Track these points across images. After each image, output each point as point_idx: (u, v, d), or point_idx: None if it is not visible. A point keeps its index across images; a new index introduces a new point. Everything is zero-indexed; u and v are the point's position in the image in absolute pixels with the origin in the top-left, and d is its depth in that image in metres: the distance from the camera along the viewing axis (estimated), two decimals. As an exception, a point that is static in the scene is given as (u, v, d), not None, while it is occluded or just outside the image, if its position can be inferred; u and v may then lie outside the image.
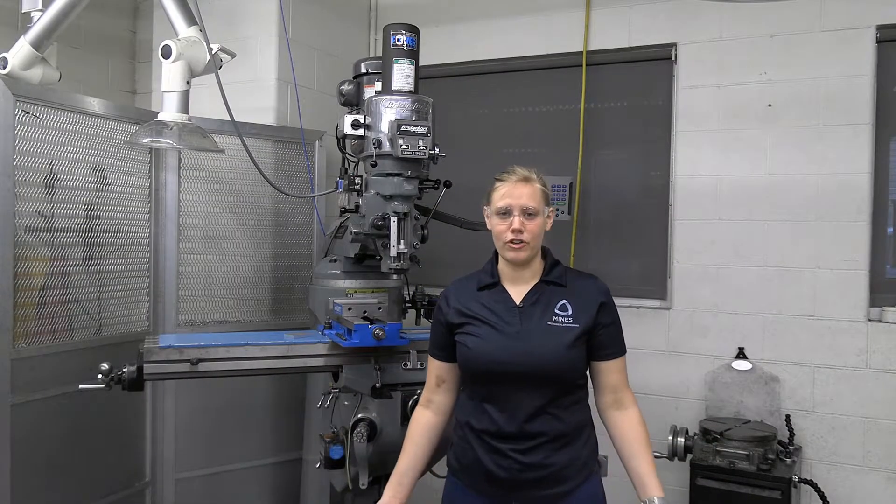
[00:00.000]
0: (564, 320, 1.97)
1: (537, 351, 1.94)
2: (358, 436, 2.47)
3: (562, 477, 1.96)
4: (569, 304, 2.00)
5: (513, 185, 2.00)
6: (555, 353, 1.94)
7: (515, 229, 1.96)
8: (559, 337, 1.95)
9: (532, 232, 1.97)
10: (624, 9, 3.74)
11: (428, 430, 2.12)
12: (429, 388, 2.15)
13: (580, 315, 1.98)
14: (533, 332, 1.97)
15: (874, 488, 3.27)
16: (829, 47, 3.34)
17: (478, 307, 2.03)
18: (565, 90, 3.89)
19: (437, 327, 2.12)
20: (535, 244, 2.01)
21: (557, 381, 1.96)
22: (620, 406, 2.03)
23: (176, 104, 2.63)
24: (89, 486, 2.91)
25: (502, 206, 1.99)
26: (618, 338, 2.04)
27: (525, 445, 1.94)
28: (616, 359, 2.03)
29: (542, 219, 2.01)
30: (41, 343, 2.68)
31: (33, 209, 2.67)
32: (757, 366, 3.46)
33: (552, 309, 1.99)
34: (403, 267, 2.56)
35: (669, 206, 3.67)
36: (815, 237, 3.37)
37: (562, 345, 1.94)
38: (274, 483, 3.46)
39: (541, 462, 1.94)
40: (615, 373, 2.03)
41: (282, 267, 3.49)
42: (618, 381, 2.03)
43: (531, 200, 1.98)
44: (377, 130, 2.58)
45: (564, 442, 1.96)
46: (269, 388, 3.39)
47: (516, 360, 1.94)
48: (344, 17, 4.14)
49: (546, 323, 1.97)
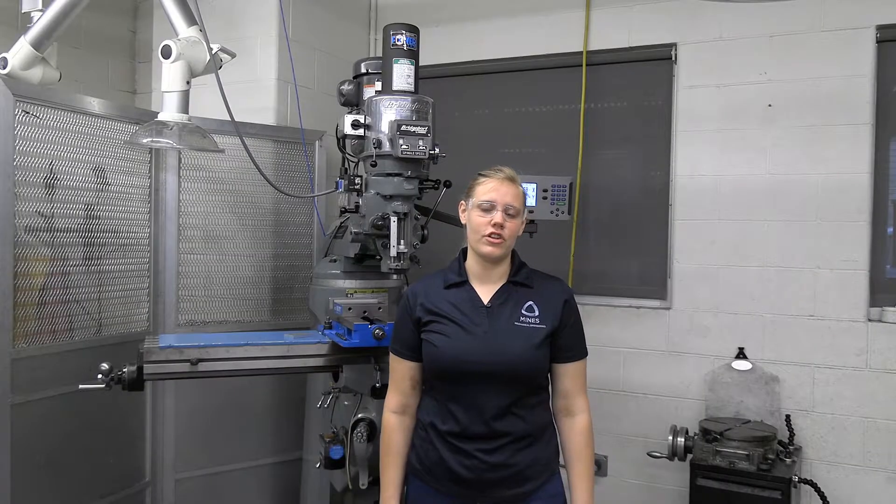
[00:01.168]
0: (531, 321, 1.99)
1: (506, 351, 1.95)
2: (358, 436, 2.47)
3: (525, 476, 1.98)
4: (535, 304, 2.02)
5: (500, 181, 2.02)
6: (523, 353, 1.96)
7: (497, 223, 1.97)
8: (527, 337, 1.97)
9: (511, 230, 2.00)
10: (624, 9, 3.74)
11: (408, 438, 2.09)
12: (402, 393, 2.09)
13: (546, 316, 2.00)
14: (501, 332, 1.98)
15: (874, 488, 3.28)
16: (829, 47, 3.34)
17: (445, 305, 2.03)
18: (565, 90, 3.89)
19: (403, 325, 2.09)
20: (510, 244, 2.03)
21: (524, 382, 1.98)
22: (569, 412, 2.05)
23: (176, 104, 2.63)
24: (89, 486, 2.91)
25: (486, 200, 1.99)
26: (578, 340, 2.06)
27: (490, 445, 1.95)
28: (575, 361, 2.04)
29: (520, 221, 2.04)
30: (41, 343, 2.68)
31: (33, 209, 2.67)
32: (757, 366, 3.46)
33: (519, 309, 2.01)
34: (403, 267, 2.56)
35: (669, 206, 3.67)
36: (815, 237, 3.37)
37: (529, 345, 1.96)
38: (274, 483, 3.46)
39: (505, 462, 1.95)
40: (570, 377, 2.04)
41: (282, 267, 3.49)
42: (571, 386, 2.04)
43: (515, 201, 2.01)
44: (377, 130, 2.58)
45: (528, 442, 1.98)
46: (269, 388, 3.39)
47: (485, 360, 1.94)
48: (344, 17, 4.14)
49: (514, 323, 1.99)
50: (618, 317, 3.72)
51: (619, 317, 3.72)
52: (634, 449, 3.63)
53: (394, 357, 2.11)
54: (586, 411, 2.05)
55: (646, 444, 3.53)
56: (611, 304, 3.73)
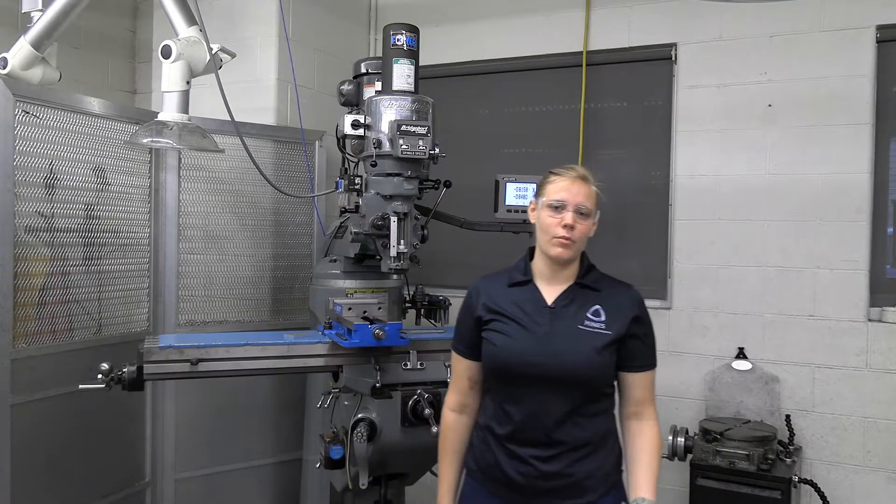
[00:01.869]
0: (596, 325, 1.91)
1: (566, 353, 1.88)
2: (358, 436, 2.47)
3: (583, 488, 1.90)
4: (602, 309, 1.94)
5: (571, 180, 1.94)
6: (584, 357, 1.88)
7: (567, 224, 1.89)
8: (589, 341, 1.89)
9: (581, 232, 1.92)
10: (624, 9, 3.74)
11: (467, 436, 2.07)
12: (460, 391, 2.06)
13: (613, 322, 1.92)
14: (563, 334, 1.91)
15: (874, 488, 3.27)
16: (829, 47, 3.34)
17: (507, 304, 1.97)
18: (565, 90, 3.89)
19: (465, 323, 2.05)
20: (580, 246, 1.96)
21: (584, 387, 1.90)
22: (640, 417, 1.97)
23: (176, 104, 2.63)
24: (89, 486, 2.91)
25: (557, 200, 1.92)
26: (648, 351, 1.97)
27: (547, 453, 1.89)
28: (643, 372, 1.96)
29: (592, 222, 1.96)
30: (41, 343, 2.68)
31: (33, 209, 2.67)
32: (757, 366, 3.46)
33: (584, 313, 1.93)
34: (403, 267, 2.56)
35: (669, 206, 3.67)
36: (815, 237, 3.37)
37: (592, 350, 1.88)
38: (274, 483, 3.46)
39: (561, 471, 1.88)
40: (640, 387, 1.96)
41: (282, 267, 3.49)
42: (641, 396, 1.96)
43: (587, 200, 1.93)
44: (377, 130, 2.57)
45: (587, 451, 1.90)
46: (269, 388, 3.39)
47: (544, 362, 1.88)
48: (344, 17, 4.14)
49: (577, 326, 1.91)
50: (618, 317, 3.71)
51: (619, 317, 3.71)
52: (634, 449, 3.63)
53: (454, 354, 2.09)
54: (656, 420, 1.97)
55: (646, 444, 3.52)
56: (611, 304, 3.73)
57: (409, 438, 2.50)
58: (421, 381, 2.49)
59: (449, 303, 3.17)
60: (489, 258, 4.01)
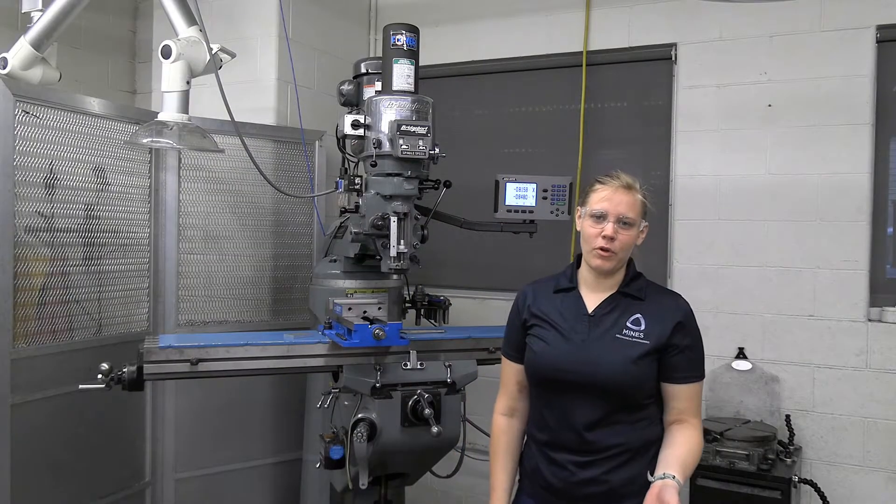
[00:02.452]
0: (635, 335, 1.89)
1: (600, 362, 1.86)
2: (358, 436, 2.47)
3: (620, 494, 1.87)
4: (643, 318, 1.91)
5: (614, 190, 1.91)
6: (618, 366, 1.85)
7: (607, 236, 1.88)
8: (626, 351, 1.87)
9: (623, 243, 1.89)
10: (624, 9, 3.74)
11: (519, 440, 2.08)
12: (510, 396, 2.08)
13: (653, 332, 1.88)
14: (600, 343, 1.89)
15: (874, 488, 3.27)
16: (829, 47, 3.34)
17: (550, 310, 1.98)
18: (565, 90, 3.89)
19: (512, 327, 2.06)
20: (624, 256, 1.93)
21: (619, 396, 1.87)
22: (682, 423, 1.92)
23: (176, 104, 2.63)
24: (89, 486, 2.91)
25: (598, 210, 1.90)
26: (693, 363, 1.92)
27: (583, 458, 1.88)
28: (686, 384, 1.90)
29: (636, 231, 1.93)
30: (41, 343, 2.68)
31: (33, 209, 2.67)
32: (757, 366, 3.46)
33: (624, 322, 1.91)
34: (403, 267, 2.56)
35: (669, 206, 3.67)
36: (815, 237, 3.37)
37: (627, 359, 1.86)
38: (274, 483, 3.46)
39: (596, 477, 1.87)
40: (684, 399, 1.91)
41: (282, 267, 3.49)
42: (685, 407, 1.91)
43: (630, 210, 1.90)
44: (377, 130, 2.57)
45: (626, 458, 1.88)
46: (269, 388, 3.39)
47: (577, 370, 1.87)
48: (344, 17, 4.14)
49: (615, 335, 1.89)
50: (618, 317, 3.71)
51: (619, 317, 3.71)
52: (634, 449, 3.63)
53: (503, 359, 2.10)
54: (699, 428, 1.92)
55: (646, 444, 3.52)
56: (611, 304, 3.73)
57: (409, 438, 2.50)
58: (421, 381, 2.49)
59: (449, 303, 3.17)
60: (489, 258, 4.03)
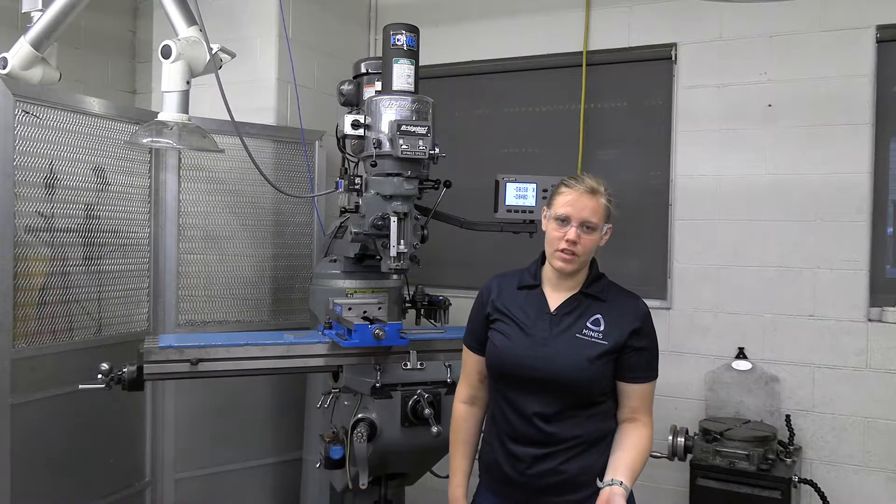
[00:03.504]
0: (594, 335, 1.92)
1: (558, 360, 1.90)
2: (358, 436, 2.47)
3: (577, 484, 1.91)
4: (603, 319, 1.94)
5: (578, 194, 1.93)
6: (576, 365, 1.89)
7: (570, 240, 1.90)
8: (584, 350, 1.90)
9: (585, 247, 1.92)
10: (624, 9, 3.74)
11: (477, 427, 2.12)
12: (471, 385, 2.11)
13: (611, 332, 1.92)
14: (559, 341, 1.93)
15: (874, 488, 3.27)
16: (829, 47, 3.34)
17: (513, 306, 2.00)
18: (565, 90, 3.89)
19: (476, 319, 2.09)
20: (586, 259, 1.96)
21: (575, 392, 1.91)
22: (634, 422, 1.96)
23: (176, 104, 2.63)
24: (89, 486, 2.91)
25: (562, 214, 1.92)
26: (647, 363, 1.96)
27: (539, 451, 1.91)
28: (639, 384, 1.95)
29: (599, 235, 1.96)
30: (41, 343, 2.68)
31: (33, 209, 2.67)
32: (757, 366, 3.46)
33: (584, 321, 1.94)
34: (403, 267, 2.56)
35: (669, 206, 3.67)
36: (815, 237, 3.36)
37: (584, 358, 1.90)
38: (274, 483, 3.46)
39: (554, 469, 1.91)
40: (636, 397, 1.95)
41: (282, 267, 3.49)
42: (637, 405, 1.96)
43: (593, 215, 1.93)
44: (377, 130, 2.58)
45: (580, 450, 1.92)
46: (269, 388, 3.39)
47: (536, 365, 1.91)
48: (344, 17, 4.14)
49: (575, 334, 1.93)
50: (618, 317, 3.71)
51: (619, 317, 3.71)
52: (634, 449, 3.63)
53: (464, 349, 2.12)
54: (650, 426, 1.96)
55: (646, 444, 3.52)
56: (611, 304, 3.72)
57: (409, 438, 2.50)
58: (421, 381, 2.49)
59: (449, 303, 3.17)
60: (489, 258, 4.03)
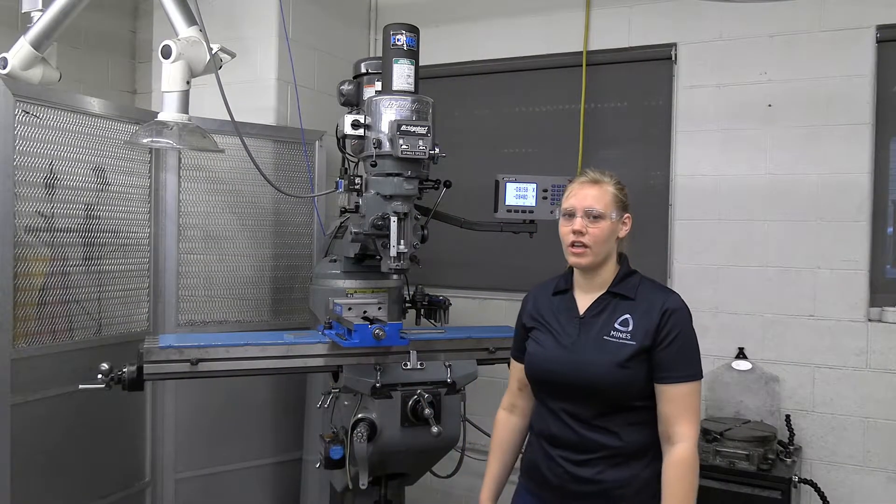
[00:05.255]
0: (622, 336, 1.86)
1: (586, 365, 1.86)
2: (358, 436, 2.47)
3: (615, 496, 1.85)
4: (631, 318, 1.88)
5: (580, 185, 1.93)
6: (604, 369, 1.84)
7: (576, 230, 1.88)
8: (612, 353, 1.85)
9: (595, 236, 1.87)
10: (624, 9, 3.74)
11: (515, 435, 2.13)
12: (511, 392, 2.14)
13: (639, 331, 1.85)
14: (587, 345, 1.89)
15: (874, 488, 3.27)
16: (829, 47, 3.34)
17: (547, 313, 2.00)
18: (565, 90, 3.89)
19: (518, 328, 2.11)
20: (600, 250, 1.90)
21: (607, 399, 1.86)
22: (669, 440, 1.84)
23: (176, 104, 2.63)
24: (89, 486, 2.91)
25: (566, 208, 1.92)
26: (680, 361, 1.86)
27: (579, 457, 1.88)
28: (673, 384, 1.83)
29: (611, 223, 1.90)
30: (41, 343, 2.68)
31: (33, 209, 2.67)
32: (757, 366, 3.46)
33: (613, 322, 1.89)
34: (403, 267, 2.56)
35: (669, 206, 3.67)
36: (815, 237, 3.36)
37: (613, 362, 1.84)
38: (274, 483, 3.46)
39: (592, 477, 1.86)
40: (669, 401, 1.83)
41: (282, 267, 3.49)
42: (671, 411, 1.83)
43: (597, 203, 1.89)
44: (377, 130, 2.58)
45: (621, 460, 1.86)
46: (269, 388, 3.39)
47: (565, 371, 1.89)
48: (344, 17, 4.14)
49: (602, 337, 1.88)
50: (618, 317, 3.71)
51: (619, 317, 3.71)
52: (634, 449, 3.63)
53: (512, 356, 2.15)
54: (687, 440, 1.81)
55: (646, 444, 3.52)
56: (611, 304, 3.72)
57: (409, 438, 2.50)
58: (421, 381, 2.49)
59: (449, 303, 3.17)
60: (489, 258, 4.03)
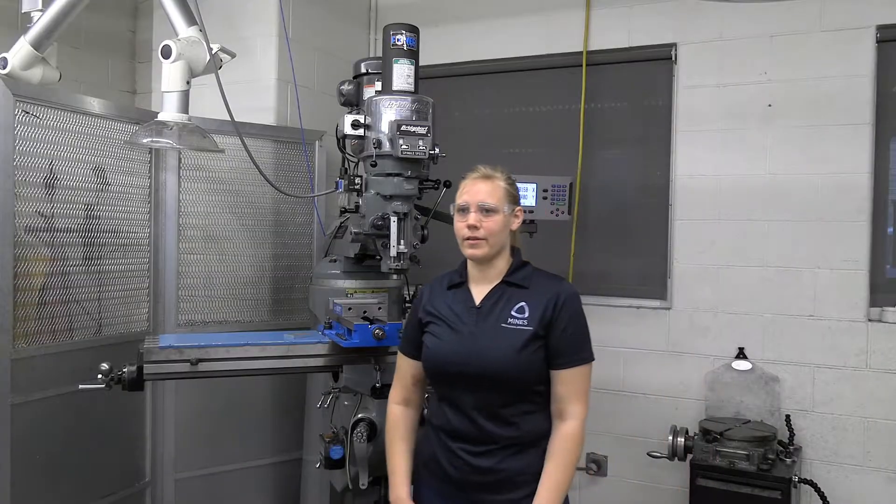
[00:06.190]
0: (519, 322, 1.92)
1: (486, 353, 1.91)
2: (358, 436, 2.47)
3: (515, 483, 1.91)
4: (527, 305, 1.94)
5: (473, 181, 2.01)
6: (504, 355, 1.90)
7: (471, 225, 1.95)
8: (510, 339, 1.91)
9: (489, 229, 1.95)
10: (624, 9, 3.74)
11: (413, 427, 2.14)
12: (404, 387, 2.13)
13: (534, 317, 1.92)
14: (485, 334, 1.94)
15: (874, 488, 3.27)
16: (829, 47, 3.34)
17: (442, 306, 2.04)
18: (565, 90, 3.89)
19: (410, 323, 2.13)
20: (494, 242, 1.97)
21: (508, 385, 1.91)
22: (561, 417, 1.92)
23: (176, 104, 2.63)
24: (89, 486, 2.91)
25: (461, 203, 1.99)
26: (572, 347, 1.92)
27: (477, 448, 1.93)
28: (565, 369, 1.91)
29: (504, 217, 1.98)
30: (41, 343, 2.68)
31: (33, 209, 2.67)
32: (757, 366, 3.46)
33: (509, 310, 1.95)
34: (403, 267, 2.56)
35: (669, 206, 3.67)
36: (815, 237, 3.37)
37: (511, 348, 1.90)
38: (274, 483, 3.46)
39: (492, 467, 1.91)
40: (563, 383, 1.91)
41: (282, 267, 3.49)
42: (564, 393, 1.91)
43: (489, 197, 1.96)
44: (377, 130, 2.57)
45: (518, 449, 1.92)
46: (269, 388, 3.39)
47: (465, 361, 1.93)
48: (344, 17, 4.14)
49: (500, 324, 1.94)
50: (618, 317, 3.71)
51: (618, 317, 3.71)
52: (634, 449, 3.63)
53: (399, 353, 2.15)
54: (578, 418, 1.91)
55: (646, 444, 3.52)
56: (611, 304, 3.73)
57: (409, 438, 2.50)
58: (421, 381, 2.49)
59: (449, 303, 3.17)
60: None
